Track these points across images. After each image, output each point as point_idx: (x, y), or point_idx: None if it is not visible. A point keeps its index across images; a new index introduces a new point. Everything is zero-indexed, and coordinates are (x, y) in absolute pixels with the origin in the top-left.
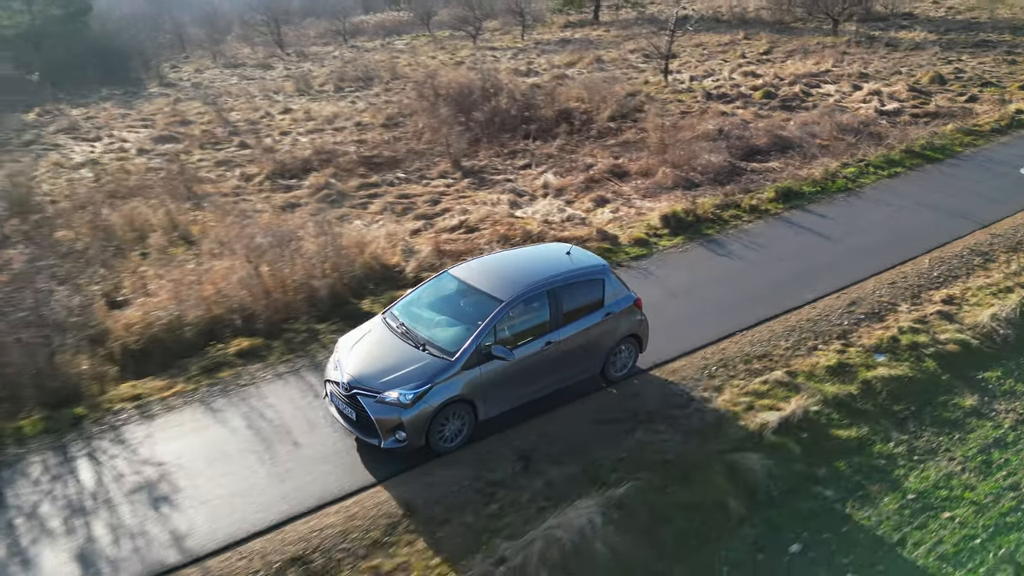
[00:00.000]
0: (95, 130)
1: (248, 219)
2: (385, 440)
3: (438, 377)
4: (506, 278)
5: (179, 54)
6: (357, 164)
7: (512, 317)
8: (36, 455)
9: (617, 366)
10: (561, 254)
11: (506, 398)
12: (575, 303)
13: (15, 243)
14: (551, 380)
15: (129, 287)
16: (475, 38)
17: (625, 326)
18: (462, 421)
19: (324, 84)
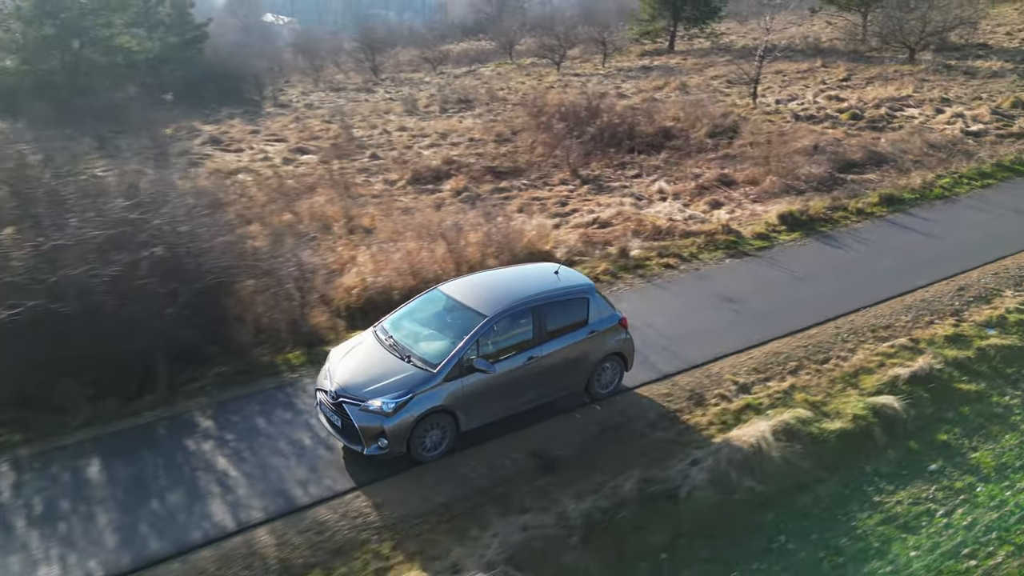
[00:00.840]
0: (235, 143)
1: (407, 214)
2: (368, 447)
3: (420, 388)
4: (492, 294)
5: (281, 79)
6: (483, 172)
7: (496, 332)
8: (307, 378)
9: (602, 383)
10: (549, 273)
11: (488, 410)
12: (559, 320)
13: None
14: (534, 394)
15: (336, 261)
16: (559, 65)
17: (610, 344)
18: (443, 431)
19: (429, 105)
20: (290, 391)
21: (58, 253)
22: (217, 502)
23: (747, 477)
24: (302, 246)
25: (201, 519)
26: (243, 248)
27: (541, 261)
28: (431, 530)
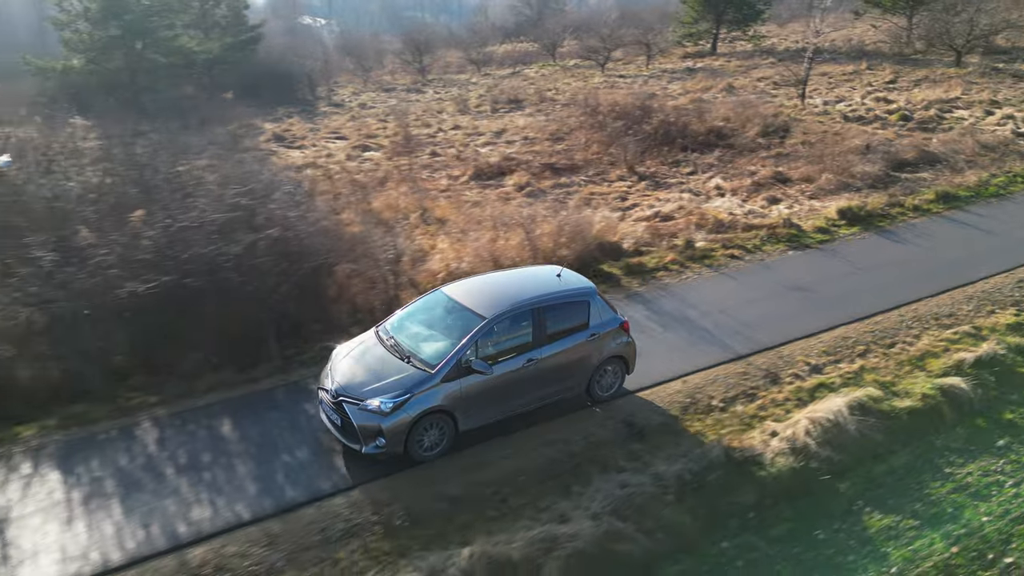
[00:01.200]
0: (297, 140)
1: (476, 206)
2: (366, 446)
3: (417, 388)
4: (493, 296)
5: (331, 79)
6: (542, 169)
7: (496, 334)
8: None
9: (603, 385)
10: (552, 276)
11: (487, 411)
12: (559, 323)
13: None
14: (533, 396)
15: (418, 248)
16: (603, 67)
17: (611, 347)
18: (441, 431)
19: (480, 105)
20: None
21: (185, 234)
22: (339, 458)
23: (825, 448)
24: (389, 234)
25: (329, 471)
26: (341, 233)
27: (610, 251)
28: (538, 485)
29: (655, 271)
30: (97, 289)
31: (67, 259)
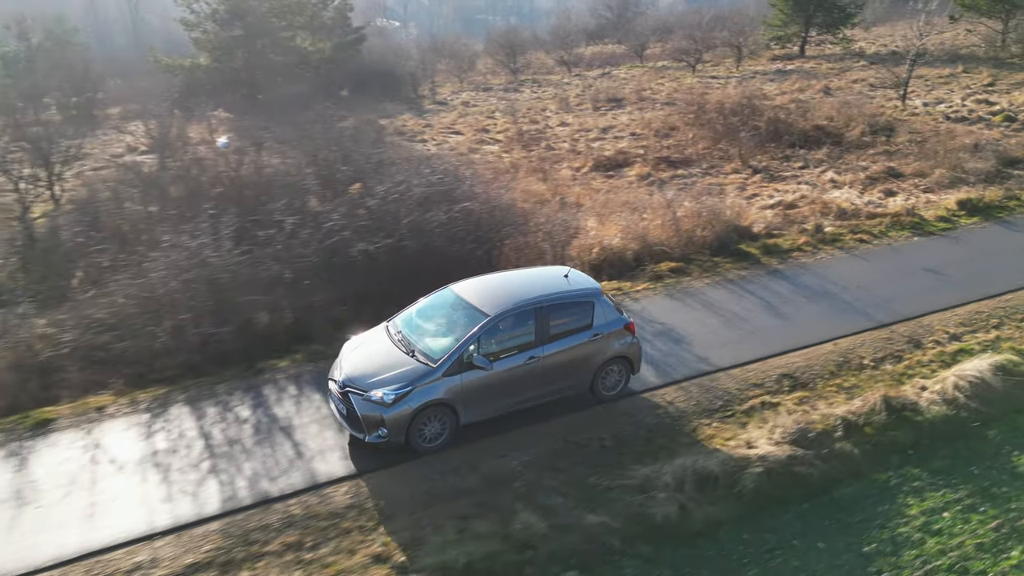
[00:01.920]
0: (417, 134)
1: (607, 193)
2: (369, 435)
3: (419, 381)
4: (498, 295)
5: (429, 78)
6: (657, 161)
7: (499, 331)
8: None
9: (607, 385)
10: (559, 276)
11: (488, 406)
12: (562, 322)
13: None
14: (535, 393)
15: (569, 227)
16: (694, 68)
17: (615, 347)
18: (442, 424)
19: (580, 103)
20: None
21: (395, 205)
22: None
23: (972, 400)
24: (551, 212)
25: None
26: (514, 209)
27: (744, 233)
28: (719, 422)
29: (790, 251)
30: (333, 248)
31: (303, 223)
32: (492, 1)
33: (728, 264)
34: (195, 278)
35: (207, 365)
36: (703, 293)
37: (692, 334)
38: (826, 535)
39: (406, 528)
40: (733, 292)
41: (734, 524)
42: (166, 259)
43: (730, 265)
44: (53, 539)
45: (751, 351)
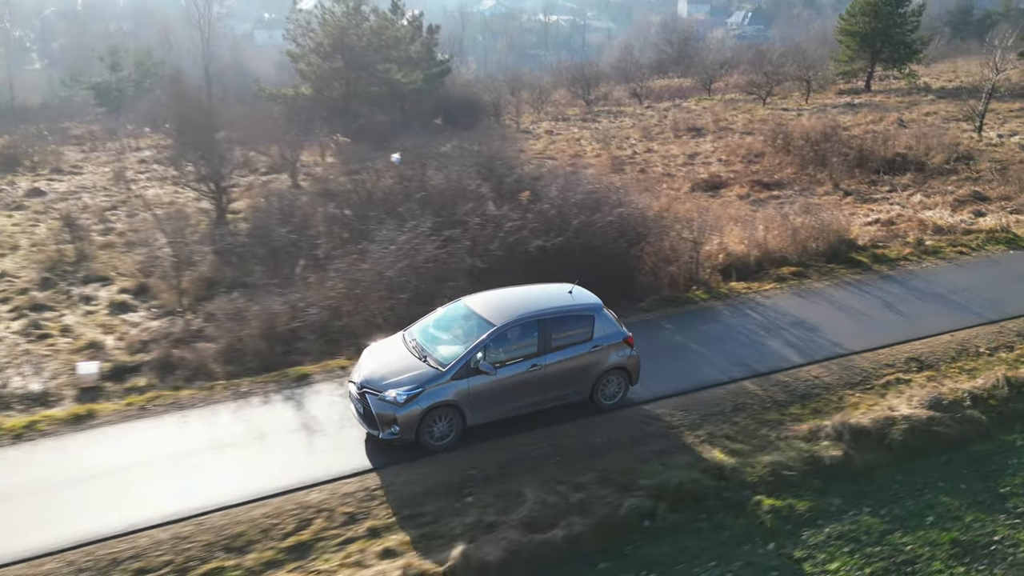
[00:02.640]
0: (512, 158)
1: (714, 209)
2: (383, 432)
3: (429, 384)
4: (505, 308)
5: (507, 109)
6: (751, 184)
7: (505, 340)
8: (719, 303)
9: (607, 394)
10: (563, 292)
11: (493, 409)
12: (564, 334)
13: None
14: (538, 398)
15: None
16: (765, 100)
17: (613, 359)
18: (450, 424)
19: (661, 132)
20: (702, 313)
21: (562, 209)
22: (704, 365)
23: None
24: (682, 222)
25: (704, 366)
26: (651, 218)
27: (849, 246)
28: (861, 393)
29: (897, 260)
30: (513, 244)
31: (486, 223)
32: (543, 37)
33: (842, 270)
34: (405, 267)
35: None
36: (825, 292)
37: (822, 324)
38: (966, 480)
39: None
40: (852, 292)
41: (887, 468)
42: (382, 250)
43: (844, 271)
44: (342, 459)
45: (877, 339)
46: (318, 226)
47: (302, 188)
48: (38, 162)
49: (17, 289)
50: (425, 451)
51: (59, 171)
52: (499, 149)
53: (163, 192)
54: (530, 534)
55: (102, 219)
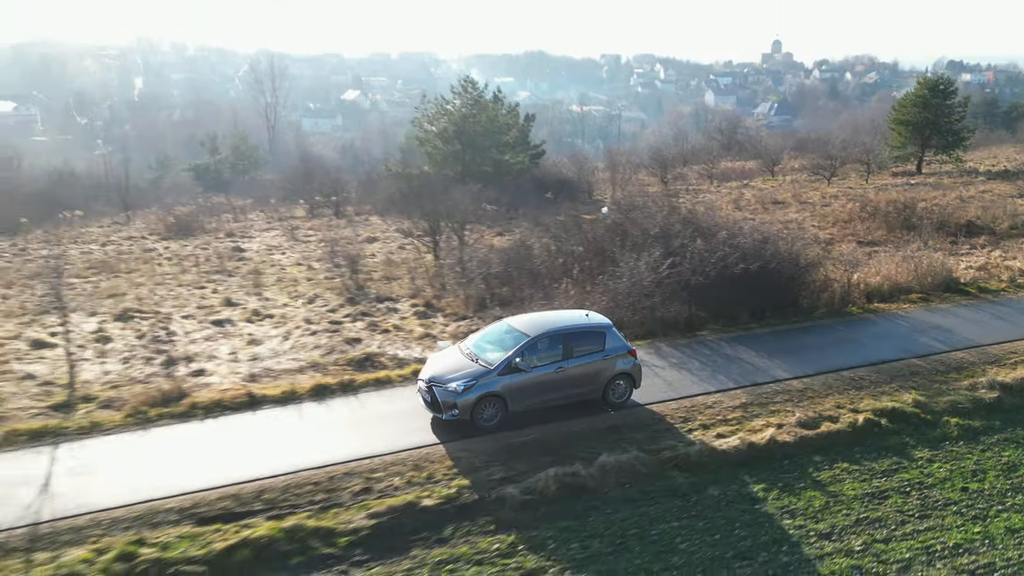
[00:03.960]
0: None
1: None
2: (446, 414)
3: (480, 378)
4: (537, 324)
5: (592, 186)
6: (852, 243)
7: (537, 348)
8: (870, 315)
9: (616, 394)
10: (581, 315)
11: (529, 400)
12: (581, 345)
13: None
14: (562, 394)
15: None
16: (829, 180)
17: (620, 366)
18: (495, 409)
19: (748, 204)
20: (860, 321)
21: (743, 242)
22: (878, 350)
23: None
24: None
25: (878, 351)
26: (807, 252)
27: (956, 283)
28: (997, 368)
29: (997, 291)
30: (723, 268)
31: (700, 253)
32: (579, 126)
33: (956, 297)
34: (650, 282)
35: (666, 331)
36: (949, 310)
37: (955, 328)
38: None
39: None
40: (969, 310)
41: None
42: (630, 271)
43: (958, 297)
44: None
45: (998, 337)
46: (555, 258)
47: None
48: (211, 229)
49: (334, 306)
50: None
51: (231, 235)
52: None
53: (356, 245)
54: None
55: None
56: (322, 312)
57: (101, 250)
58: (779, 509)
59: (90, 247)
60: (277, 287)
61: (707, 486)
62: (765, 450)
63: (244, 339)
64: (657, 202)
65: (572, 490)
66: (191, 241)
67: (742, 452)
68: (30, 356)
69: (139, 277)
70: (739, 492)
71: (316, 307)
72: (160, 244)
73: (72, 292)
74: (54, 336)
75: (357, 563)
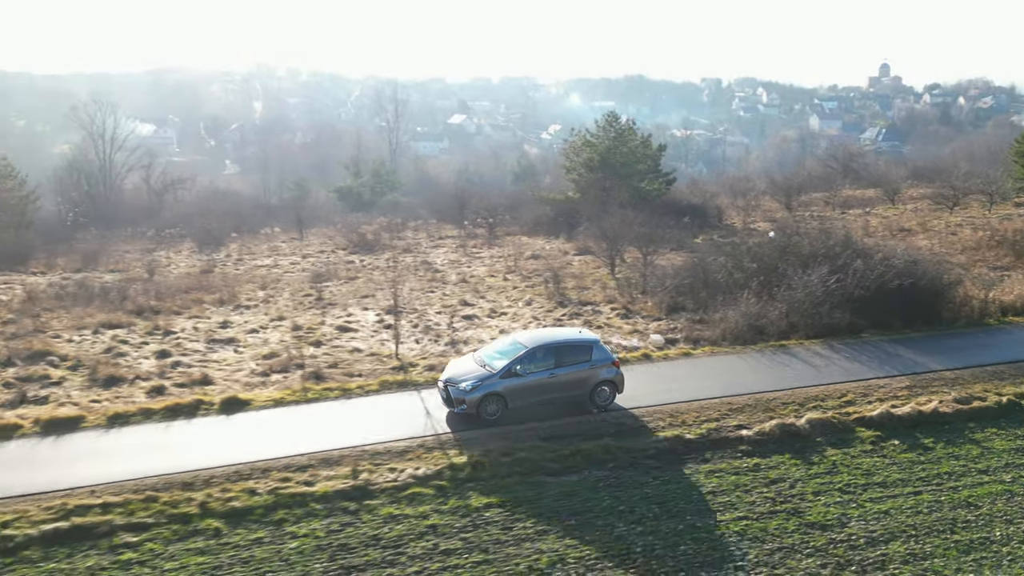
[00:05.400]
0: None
1: None
2: (457, 408)
3: (486, 380)
4: (536, 338)
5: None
6: (985, 266)
7: (535, 357)
8: (1007, 326)
9: (601, 399)
10: (575, 331)
11: (525, 399)
12: (571, 356)
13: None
14: (554, 396)
15: None
16: (952, 209)
17: (603, 375)
18: (497, 406)
19: (877, 230)
20: (998, 330)
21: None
22: (1017, 352)
23: None
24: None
25: (1018, 352)
26: (949, 272)
27: None
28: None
29: None
30: (883, 283)
31: (853, 272)
32: (682, 150)
33: None
34: (821, 292)
35: (833, 333)
36: None
37: None
38: None
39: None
40: None
41: None
42: (803, 284)
43: None
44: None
45: None
46: (731, 273)
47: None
48: (394, 246)
49: (548, 308)
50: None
51: (408, 250)
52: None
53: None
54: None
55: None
56: (541, 312)
57: (305, 262)
58: (946, 455)
59: (295, 259)
60: (491, 293)
61: (888, 438)
62: (931, 417)
63: (493, 330)
64: (815, 228)
65: (789, 434)
66: (378, 255)
67: (913, 417)
68: (343, 336)
69: (364, 284)
70: (913, 443)
71: (535, 308)
72: (355, 257)
73: (327, 293)
74: (350, 322)
75: (654, 467)
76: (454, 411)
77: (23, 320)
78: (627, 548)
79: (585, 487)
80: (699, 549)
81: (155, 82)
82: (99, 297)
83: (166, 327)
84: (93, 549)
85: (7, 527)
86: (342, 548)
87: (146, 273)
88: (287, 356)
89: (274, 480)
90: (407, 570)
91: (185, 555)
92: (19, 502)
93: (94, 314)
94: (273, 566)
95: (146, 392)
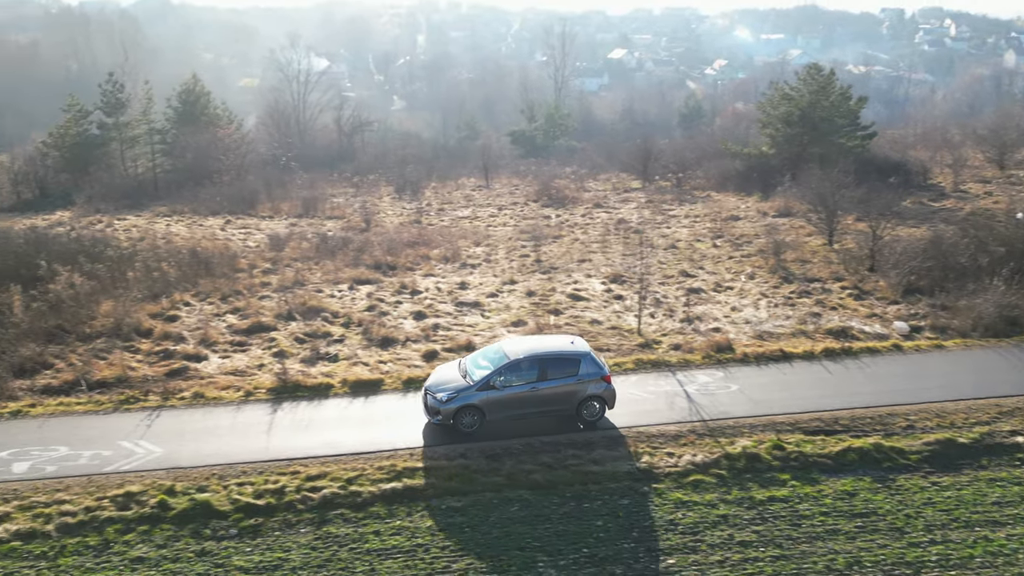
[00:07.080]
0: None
1: None
2: (433, 419)
3: (462, 392)
4: (522, 348)
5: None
6: None
7: (518, 369)
8: None
9: (589, 413)
10: (567, 342)
11: (504, 413)
12: (557, 369)
13: None
14: (537, 410)
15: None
16: None
17: (592, 390)
18: (474, 419)
19: None
20: None
21: None
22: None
23: None
24: None
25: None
26: None
27: None
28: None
29: None
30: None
31: None
32: (860, 89)
33: None
34: None
35: None
36: None
37: None
38: None
39: None
40: None
41: None
42: None
43: None
44: None
45: None
46: (975, 257)
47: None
48: (583, 200)
49: (774, 283)
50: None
51: (598, 205)
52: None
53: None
54: None
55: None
56: (768, 288)
57: (502, 215)
58: None
59: (492, 211)
60: (707, 262)
61: None
62: None
63: (724, 306)
64: None
65: None
66: (571, 209)
67: None
68: (577, 306)
69: (572, 245)
70: None
71: (759, 284)
72: (549, 212)
73: (543, 255)
74: (579, 290)
75: (929, 472)
76: (432, 421)
77: (284, 271)
78: (920, 558)
79: (862, 487)
80: (992, 562)
81: (326, 16)
82: (339, 250)
83: (412, 286)
84: (427, 511)
85: (352, 483)
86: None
87: (363, 222)
88: (535, 324)
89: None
90: (709, 558)
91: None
92: (355, 459)
93: (341, 268)
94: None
95: (421, 355)
